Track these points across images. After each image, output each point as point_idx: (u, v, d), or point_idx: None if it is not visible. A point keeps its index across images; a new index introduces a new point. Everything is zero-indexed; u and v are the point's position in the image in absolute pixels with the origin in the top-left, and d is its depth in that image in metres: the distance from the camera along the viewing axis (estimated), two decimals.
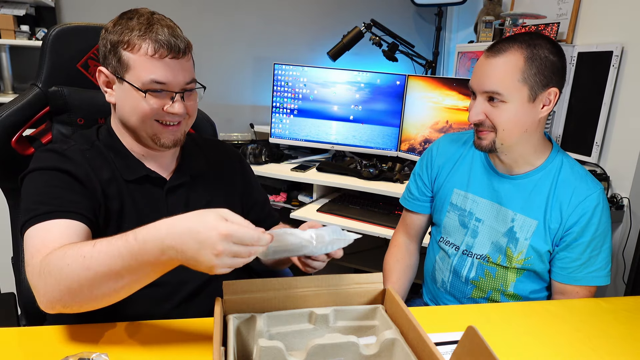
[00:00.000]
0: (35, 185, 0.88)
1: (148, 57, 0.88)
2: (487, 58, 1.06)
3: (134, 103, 0.91)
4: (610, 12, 1.80)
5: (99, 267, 0.70)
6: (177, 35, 0.90)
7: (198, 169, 1.06)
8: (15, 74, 2.33)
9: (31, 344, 0.79)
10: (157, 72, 0.88)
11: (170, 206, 0.99)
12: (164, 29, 0.89)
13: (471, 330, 0.61)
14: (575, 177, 1.11)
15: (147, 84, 0.89)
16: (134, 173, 0.96)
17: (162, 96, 0.91)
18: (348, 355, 0.69)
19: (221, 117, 2.52)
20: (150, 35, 0.88)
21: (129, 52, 0.88)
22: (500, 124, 1.06)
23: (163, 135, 0.94)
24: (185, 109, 0.94)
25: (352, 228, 1.93)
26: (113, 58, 0.90)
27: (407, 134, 2.23)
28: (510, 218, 1.13)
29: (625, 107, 1.71)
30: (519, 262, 1.13)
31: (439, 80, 2.10)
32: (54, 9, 2.35)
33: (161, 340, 0.82)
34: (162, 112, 0.92)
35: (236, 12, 2.65)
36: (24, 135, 1.10)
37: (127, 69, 0.89)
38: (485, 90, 1.05)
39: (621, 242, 1.71)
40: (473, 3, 2.56)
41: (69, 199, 0.86)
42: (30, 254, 0.77)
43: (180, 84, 0.91)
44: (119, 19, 0.91)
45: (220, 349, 0.63)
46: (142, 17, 0.90)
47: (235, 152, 1.19)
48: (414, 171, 1.35)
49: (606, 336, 0.94)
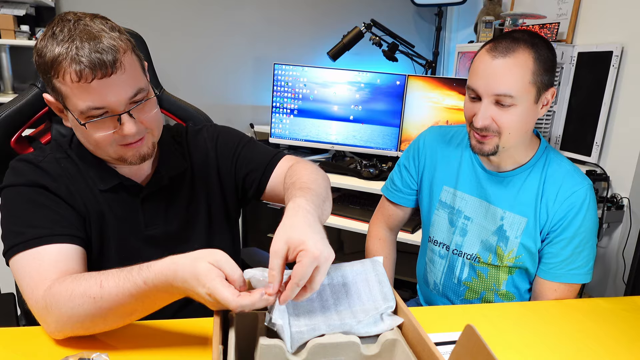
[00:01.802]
0: (16, 203, 0.84)
1: (75, 84, 0.76)
2: (495, 59, 0.99)
3: (83, 134, 0.83)
4: (610, 12, 1.80)
5: (111, 307, 0.73)
6: (101, 49, 0.76)
7: (177, 169, 0.98)
8: (15, 74, 2.33)
9: (31, 344, 0.79)
10: (89, 98, 0.77)
11: (147, 215, 0.95)
12: (84, 44, 0.75)
13: (469, 330, 0.61)
14: (562, 172, 1.09)
15: (85, 112, 0.78)
16: (107, 182, 0.91)
17: (107, 122, 0.81)
18: (349, 355, 0.69)
19: (221, 117, 2.52)
20: (70, 55, 0.75)
21: (57, 81, 0.78)
22: (507, 128, 1.02)
23: (127, 154, 0.85)
24: (141, 124, 0.84)
25: (352, 228, 1.93)
26: (48, 87, 0.81)
27: (407, 134, 2.23)
28: (500, 216, 1.12)
29: (625, 107, 1.71)
30: (510, 260, 1.13)
31: (439, 80, 2.10)
32: (54, 9, 2.35)
33: (161, 340, 0.82)
34: (116, 137, 0.82)
35: (236, 12, 2.65)
36: (23, 135, 1.10)
37: (63, 98, 0.80)
38: (496, 93, 1.00)
39: (621, 242, 1.71)
40: (473, 3, 2.56)
41: (55, 219, 0.83)
42: (28, 286, 0.77)
43: (122, 102, 0.80)
44: (44, 34, 0.79)
45: (219, 347, 0.63)
46: (64, 31, 0.76)
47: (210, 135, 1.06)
48: (399, 162, 1.31)
49: (606, 336, 0.94)
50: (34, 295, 0.76)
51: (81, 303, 0.72)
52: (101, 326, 0.77)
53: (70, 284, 0.74)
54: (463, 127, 1.23)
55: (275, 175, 1.02)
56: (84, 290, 0.72)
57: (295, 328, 0.68)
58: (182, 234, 0.99)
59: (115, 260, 0.90)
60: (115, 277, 0.72)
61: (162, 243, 0.96)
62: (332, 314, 0.72)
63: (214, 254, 0.69)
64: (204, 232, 1.02)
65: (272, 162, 1.03)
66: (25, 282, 0.78)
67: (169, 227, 0.97)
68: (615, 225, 1.74)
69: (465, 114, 1.09)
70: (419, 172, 1.26)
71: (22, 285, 0.78)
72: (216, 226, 1.04)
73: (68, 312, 0.73)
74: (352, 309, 0.73)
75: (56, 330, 0.76)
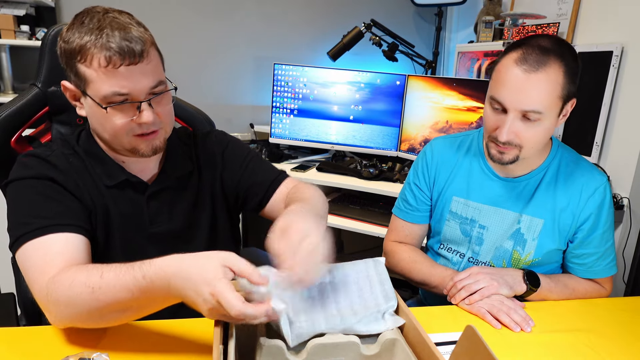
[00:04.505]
0: (24, 195, 0.85)
1: (102, 69, 0.80)
2: (526, 73, 0.94)
3: (101, 119, 0.85)
4: (610, 12, 1.80)
5: (107, 300, 0.72)
6: (130, 38, 0.80)
7: (184, 170, 1.00)
8: (15, 74, 2.33)
9: (31, 344, 0.79)
10: (115, 82, 0.80)
11: (152, 212, 0.96)
12: (115, 32, 0.79)
13: (470, 330, 0.61)
14: (581, 171, 1.10)
15: (108, 97, 0.81)
16: (113, 178, 0.92)
17: (127, 107, 0.83)
18: (349, 355, 0.69)
19: (221, 117, 2.52)
20: (100, 41, 0.79)
21: (83, 65, 0.81)
22: (530, 143, 1.00)
23: (140, 145, 0.88)
24: (157, 116, 0.87)
25: (352, 228, 1.93)
26: (71, 72, 0.84)
27: (407, 134, 2.23)
28: (517, 220, 1.12)
29: (625, 107, 1.71)
30: (527, 263, 1.13)
31: (439, 80, 2.10)
32: (54, 9, 2.35)
33: (161, 340, 0.82)
34: (133, 125, 0.85)
35: (236, 12, 2.65)
36: (23, 135, 1.10)
37: (86, 83, 0.82)
38: (525, 109, 0.96)
39: (621, 242, 1.71)
40: (473, 3, 2.56)
41: (61, 211, 0.84)
42: (33, 274, 0.77)
43: (144, 90, 0.83)
44: (72, 23, 0.83)
45: (220, 347, 0.63)
46: (93, 20, 0.81)
47: (218, 143, 1.07)
48: (409, 180, 1.26)
49: (606, 336, 0.94)
50: (39, 283, 0.76)
51: (79, 292, 0.72)
52: (97, 320, 0.75)
53: (73, 273, 0.74)
54: (468, 135, 1.22)
55: (278, 193, 1.05)
56: (84, 279, 0.72)
57: (296, 323, 0.68)
58: (187, 232, 1.00)
59: (120, 257, 0.91)
60: (117, 270, 0.72)
61: (166, 241, 0.97)
62: (333, 311, 0.72)
63: (226, 254, 0.68)
64: (207, 232, 1.03)
65: (276, 180, 1.06)
66: (31, 271, 0.78)
67: (173, 226, 0.98)
68: (615, 226, 1.73)
69: (486, 123, 1.06)
70: (429, 186, 1.23)
71: (27, 275, 0.78)
72: (220, 227, 1.05)
73: (66, 301, 0.73)
74: (353, 307, 0.73)
75: (56, 319, 0.76)
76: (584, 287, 1.13)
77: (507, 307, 0.97)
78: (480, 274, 1.03)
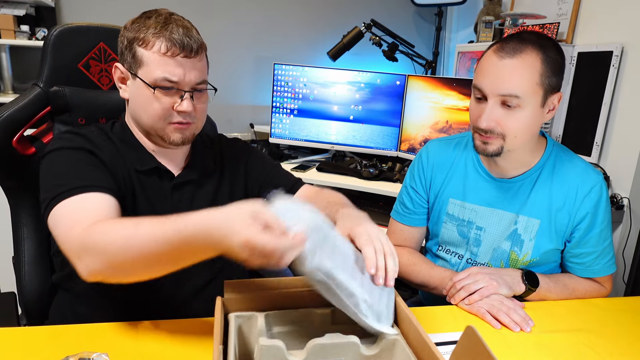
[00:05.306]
0: (61, 162, 0.88)
1: (160, 55, 0.90)
2: (502, 59, 0.98)
3: (144, 100, 0.93)
4: (610, 12, 1.80)
5: (141, 249, 0.70)
6: (191, 36, 0.92)
7: (207, 169, 1.07)
8: (15, 74, 2.33)
9: (31, 344, 0.79)
10: (168, 69, 0.90)
11: (175, 202, 1.00)
12: (179, 28, 0.91)
13: (470, 330, 0.61)
14: (576, 170, 1.10)
15: (158, 81, 0.90)
16: (145, 164, 0.98)
17: (172, 94, 0.92)
18: (348, 355, 0.69)
19: (221, 117, 2.51)
20: (164, 33, 0.90)
21: (143, 48, 0.91)
22: (512, 131, 1.01)
23: (173, 133, 0.96)
24: (194, 109, 0.95)
25: None
26: (128, 54, 0.93)
27: (407, 134, 2.23)
28: (513, 221, 1.12)
29: (625, 107, 1.71)
30: (524, 263, 1.13)
31: (439, 80, 2.10)
32: (54, 9, 2.35)
33: (161, 340, 0.82)
34: (171, 112, 0.93)
35: (236, 12, 2.65)
36: (25, 135, 1.10)
37: (140, 65, 0.91)
38: (502, 93, 0.98)
39: (621, 242, 1.71)
40: (473, 3, 2.56)
41: (97, 176, 0.87)
42: (67, 225, 0.77)
43: (190, 82, 0.93)
44: (138, 17, 0.94)
45: (219, 348, 0.63)
46: (160, 17, 0.92)
47: (243, 151, 1.14)
48: (405, 183, 1.27)
49: (606, 336, 0.94)
50: (72, 232, 0.76)
51: (114, 240, 0.72)
52: (129, 271, 0.74)
53: (108, 223, 0.76)
54: (464, 137, 1.22)
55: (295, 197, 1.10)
56: (120, 228, 0.73)
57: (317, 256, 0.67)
58: None
59: None
60: (152, 221, 0.71)
61: None
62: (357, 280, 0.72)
63: (252, 203, 0.67)
64: None
65: (295, 186, 1.12)
66: (64, 223, 0.78)
67: None
68: (615, 226, 1.74)
69: (470, 114, 1.08)
70: (426, 189, 1.23)
71: (60, 228, 0.78)
72: None
73: (101, 249, 0.72)
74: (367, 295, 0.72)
75: (87, 268, 0.74)
76: (584, 286, 1.13)
77: (507, 307, 0.97)
78: (479, 274, 1.03)
